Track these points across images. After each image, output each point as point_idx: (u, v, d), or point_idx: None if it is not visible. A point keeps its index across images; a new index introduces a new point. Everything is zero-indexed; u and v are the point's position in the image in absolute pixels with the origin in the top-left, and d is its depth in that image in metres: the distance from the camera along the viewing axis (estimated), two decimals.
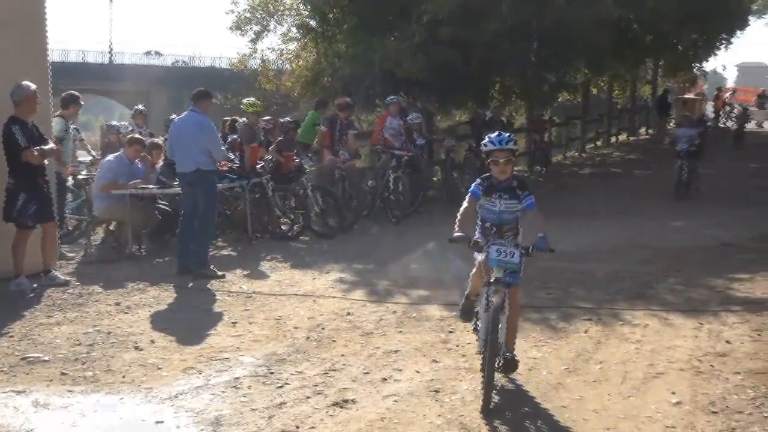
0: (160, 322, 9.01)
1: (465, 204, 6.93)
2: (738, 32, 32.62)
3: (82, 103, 13.28)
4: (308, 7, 20.56)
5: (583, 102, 30.38)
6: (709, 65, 38.69)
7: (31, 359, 7.69)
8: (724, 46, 32.48)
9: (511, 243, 6.79)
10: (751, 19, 32.26)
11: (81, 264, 11.84)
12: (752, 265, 11.06)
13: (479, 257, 6.92)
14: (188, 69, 56.98)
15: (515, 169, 7.19)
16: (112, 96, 59.76)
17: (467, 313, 7.56)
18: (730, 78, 47.42)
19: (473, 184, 6.99)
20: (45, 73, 11.20)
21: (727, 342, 8.00)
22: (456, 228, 6.70)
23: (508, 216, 6.97)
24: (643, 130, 33.41)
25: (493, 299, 6.57)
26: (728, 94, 38.87)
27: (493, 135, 6.92)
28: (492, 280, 6.63)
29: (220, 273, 11.03)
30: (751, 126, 36.67)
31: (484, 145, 6.89)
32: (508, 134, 6.96)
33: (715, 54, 34.40)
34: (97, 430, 6.06)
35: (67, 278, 10.77)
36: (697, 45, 31.33)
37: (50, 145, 10.65)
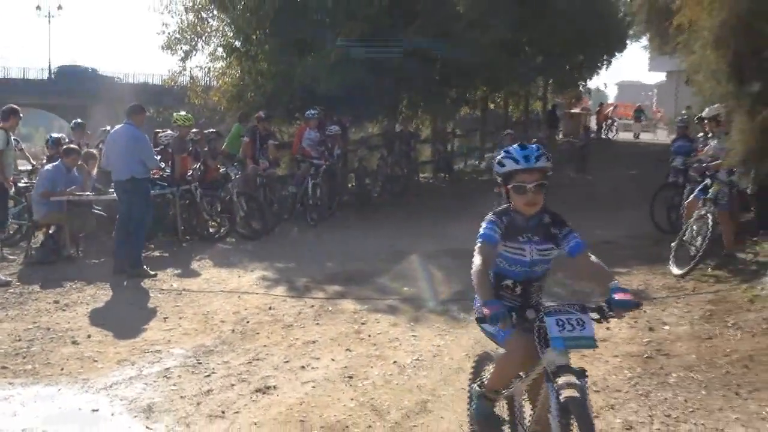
0: (96, 318, 8.89)
1: (478, 259, 4.40)
2: (617, 54, 33.40)
3: (21, 115, 13.00)
4: (233, 28, 20.40)
5: (482, 115, 30.68)
6: (592, 83, 39.50)
7: None
8: (605, 66, 33.13)
9: (573, 306, 4.26)
10: (628, 42, 32.97)
11: (22, 265, 11.58)
12: (629, 260, 11.30)
13: (506, 338, 4.47)
14: (123, 85, 56.13)
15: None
16: (51, 109, 58.48)
17: (488, 423, 4.82)
18: (611, 94, 48.58)
19: (484, 225, 4.53)
20: None
21: (607, 329, 8.15)
22: (480, 297, 4.39)
23: (541, 267, 4.67)
24: (534, 140, 33.86)
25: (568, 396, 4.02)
26: (610, 109, 39.70)
27: (514, 147, 4.53)
28: (553, 369, 4.13)
29: (152, 272, 10.90)
30: (627, 136, 37.61)
31: (500, 164, 4.51)
32: (536, 145, 4.58)
33: (597, 73, 35.11)
34: (37, 419, 5.95)
35: (9, 279, 10.57)
36: (582, 65, 31.95)
37: None
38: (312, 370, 7.09)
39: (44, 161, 13.74)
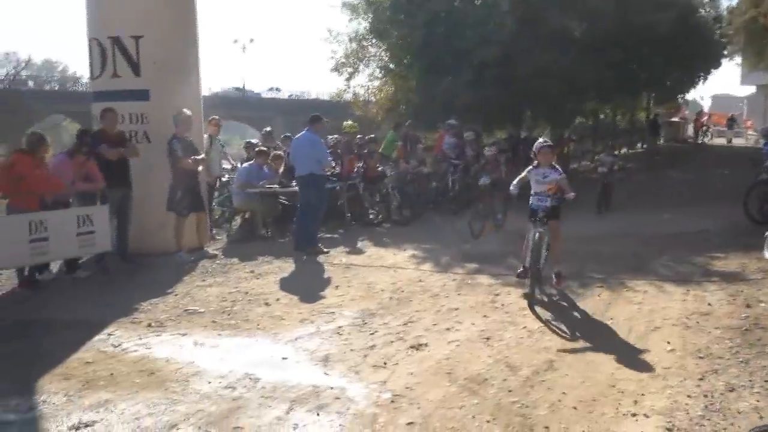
0: (283, 285, 9.09)
1: None
2: (713, 70, 31.66)
3: (221, 124, 13.51)
4: (388, 54, 20.54)
5: (594, 124, 29.78)
6: (689, 96, 37.52)
7: (191, 311, 7.84)
8: (702, 81, 31.51)
9: None
10: (723, 60, 31.18)
11: (225, 243, 11.99)
12: (725, 246, 10.71)
13: None
14: (299, 101, 57.46)
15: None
16: (244, 120, 60.46)
17: None
18: (706, 105, 46.17)
19: None
20: (198, 103, 11.37)
21: (709, 305, 7.77)
22: None
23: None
24: (639, 145, 32.57)
25: None
26: (705, 118, 37.71)
27: None
28: None
29: (325, 250, 11.04)
30: (721, 141, 35.66)
31: None
32: None
33: (695, 87, 33.43)
34: (239, 363, 6.12)
35: (215, 252, 10.93)
36: (682, 80, 30.47)
37: (201, 156, 10.83)
38: (456, 332, 7.01)
39: (242, 161, 14.18)
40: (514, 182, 8.48)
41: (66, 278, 9.40)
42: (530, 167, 8.40)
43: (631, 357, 6.17)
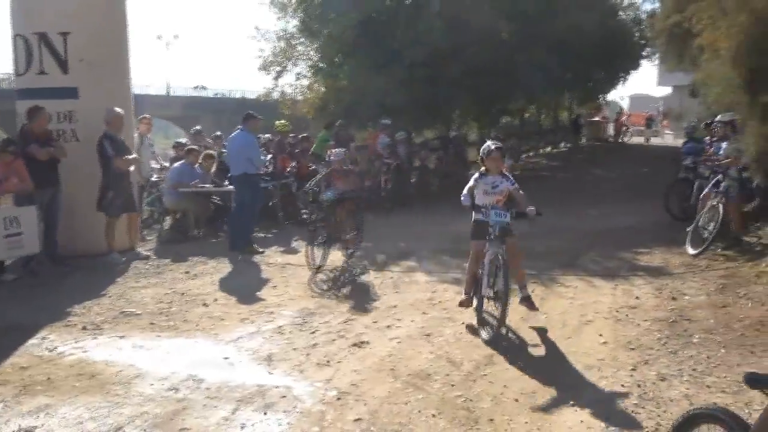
0: (220, 285, 9.03)
1: None
2: (632, 71, 32.88)
3: (152, 123, 13.30)
4: (318, 53, 20.53)
5: (520, 123, 30.44)
6: (609, 96, 38.81)
7: (127, 313, 7.74)
8: (622, 82, 32.74)
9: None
10: (642, 62, 32.39)
11: (156, 243, 11.80)
12: (649, 242, 11.10)
13: None
14: (226, 99, 56.65)
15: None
16: (168, 119, 59.24)
17: None
18: (625, 105, 47.67)
19: None
20: (128, 101, 11.15)
21: (637, 298, 8.08)
22: None
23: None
24: (562, 144, 33.45)
25: None
26: (624, 118, 38.98)
27: None
28: None
29: (260, 250, 11.00)
30: (639, 140, 36.93)
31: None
32: None
33: (615, 88, 34.66)
34: (181, 364, 6.08)
35: (147, 253, 10.77)
36: (603, 81, 31.54)
37: (133, 155, 10.65)
38: (396, 329, 7.11)
39: (170, 160, 13.95)
40: (464, 192, 7.15)
41: None
42: (476, 175, 7.27)
43: (566, 350, 6.38)
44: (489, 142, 7.54)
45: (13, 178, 9.06)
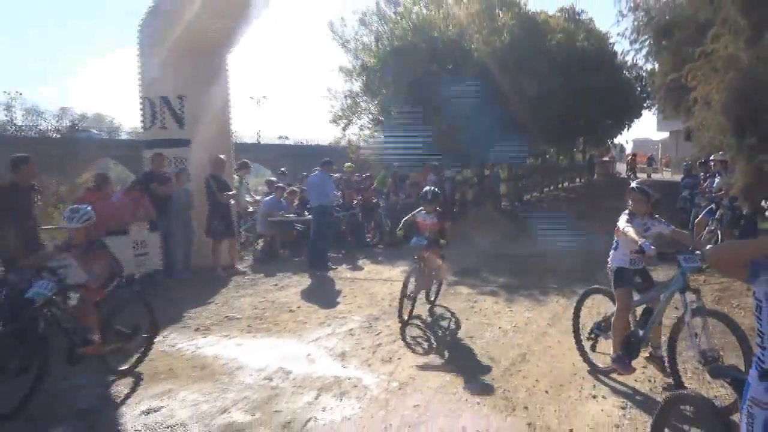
0: (302, 295, 9.10)
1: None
2: (635, 119, 32.35)
3: (251, 167, 13.56)
4: (378, 108, 20.73)
5: (541, 162, 30.11)
6: (616, 140, 38.32)
7: (230, 317, 7.84)
8: (626, 128, 32.17)
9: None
10: (644, 112, 31.90)
11: (251, 262, 11.97)
12: (653, 261, 10.80)
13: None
14: (303, 146, 57.52)
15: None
16: (259, 162, 60.29)
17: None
18: (629, 148, 46.86)
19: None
20: (229, 149, 11.42)
21: None
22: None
23: None
24: (578, 180, 32.95)
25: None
26: (629, 158, 38.32)
27: None
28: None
29: (333, 267, 11.07)
30: (642, 176, 36.17)
31: None
32: None
33: (621, 133, 34.12)
34: (273, 358, 6.14)
35: (245, 269, 10.92)
36: (611, 128, 31.07)
37: (232, 192, 10.88)
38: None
39: (263, 195, 14.18)
40: (633, 235, 5.38)
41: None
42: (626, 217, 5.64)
43: (588, 350, 6.22)
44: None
45: (141, 210, 9.34)
